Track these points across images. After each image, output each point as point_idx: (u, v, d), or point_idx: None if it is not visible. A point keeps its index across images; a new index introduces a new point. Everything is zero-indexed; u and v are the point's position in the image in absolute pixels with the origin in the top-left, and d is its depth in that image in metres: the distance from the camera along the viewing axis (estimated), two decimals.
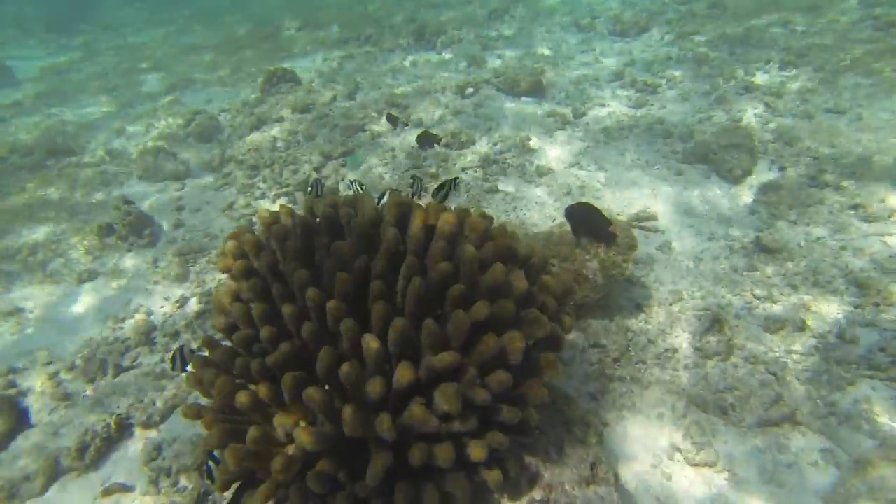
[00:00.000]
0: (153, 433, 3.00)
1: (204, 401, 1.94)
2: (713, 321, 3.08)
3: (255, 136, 6.21)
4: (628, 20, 8.09)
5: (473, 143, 5.47)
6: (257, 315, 1.70)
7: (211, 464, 1.84)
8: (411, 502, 1.56)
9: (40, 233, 5.03)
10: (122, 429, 3.01)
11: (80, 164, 6.26)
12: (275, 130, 6.26)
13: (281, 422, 1.56)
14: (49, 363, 3.65)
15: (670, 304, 3.36)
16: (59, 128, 7.51)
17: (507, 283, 1.74)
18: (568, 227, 3.18)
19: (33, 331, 4.03)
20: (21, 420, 3.28)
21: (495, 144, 5.39)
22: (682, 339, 3.12)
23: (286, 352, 1.62)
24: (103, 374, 3.47)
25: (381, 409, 1.57)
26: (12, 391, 3.47)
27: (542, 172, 4.88)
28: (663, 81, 6.29)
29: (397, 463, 1.54)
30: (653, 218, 4.15)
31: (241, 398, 1.55)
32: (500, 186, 4.76)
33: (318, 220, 1.98)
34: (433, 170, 5.10)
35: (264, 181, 5.36)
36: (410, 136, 5.72)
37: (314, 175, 5.21)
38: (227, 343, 1.87)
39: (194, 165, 5.85)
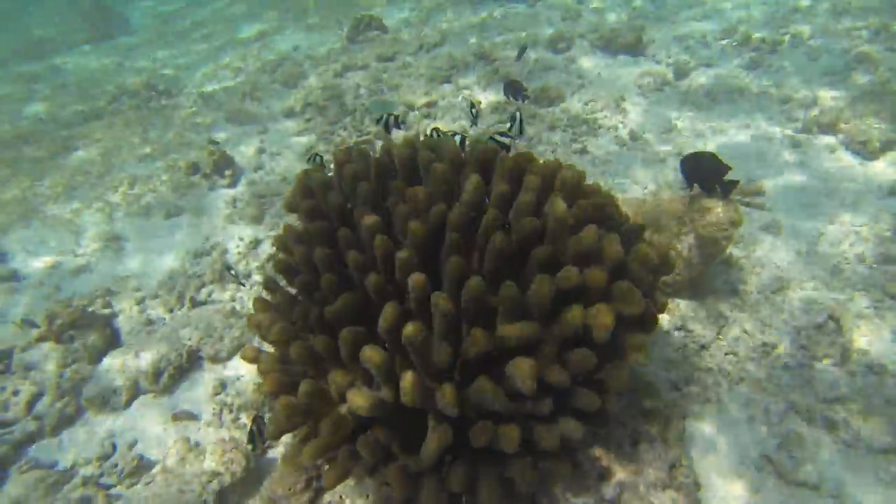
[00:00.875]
0: (220, 367, 3.08)
1: (266, 345, 1.89)
2: (827, 318, 2.67)
3: (337, 81, 6.14)
4: None
5: (563, 100, 5.09)
6: (319, 260, 1.58)
7: (254, 427, 1.80)
8: (467, 485, 1.42)
9: (139, 168, 5.27)
10: (193, 360, 3.10)
11: (177, 106, 6.49)
12: (358, 77, 6.16)
13: (335, 379, 1.46)
14: (137, 290, 3.84)
15: (773, 293, 2.96)
16: (160, 71, 7.83)
17: (599, 249, 1.51)
18: (662, 195, 2.85)
19: (128, 258, 4.25)
20: (113, 339, 3.50)
21: (586, 104, 4.99)
22: (783, 334, 2.75)
23: (346, 303, 1.50)
24: (181, 305, 3.60)
25: (445, 378, 1.42)
26: (108, 311, 3.69)
27: (636, 136, 4.46)
28: (786, 38, 5.52)
29: (456, 440, 1.40)
30: (759, 192, 3.68)
31: (295, 349, 1.46)
32: (590, 148, 4.41)
33: (394, 161, 1.82)
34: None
35: (344, 129, 5.29)
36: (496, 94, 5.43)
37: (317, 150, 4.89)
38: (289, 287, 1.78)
39: (278, 111, 5.89)
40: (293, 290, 1.79)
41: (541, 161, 1.76)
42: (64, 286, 4.04)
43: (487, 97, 5.39)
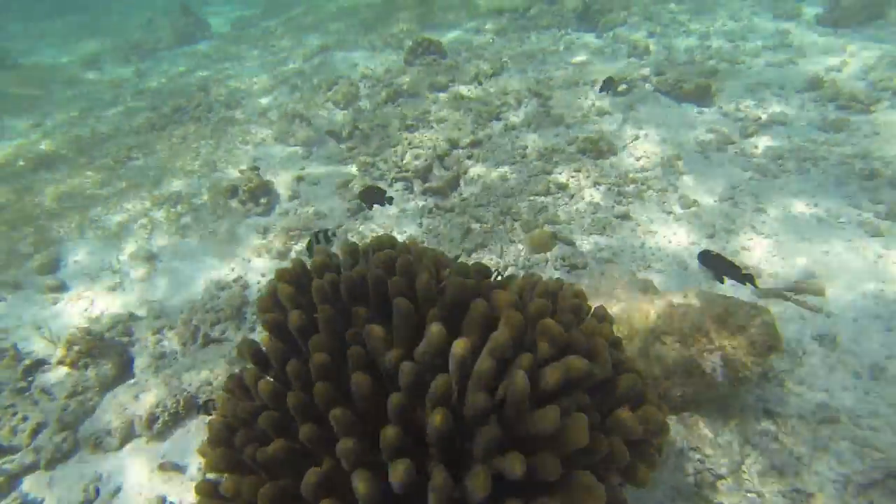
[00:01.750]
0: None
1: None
2: (888, 475, 2.27)
3: (386, 110, 6.10)
4: (850, 4, 6.44)
5: (614, 154, 4.78)
6: (263, 392, 1.46)
7: None
8: None
9: (185, 184, 5.43)
10: (189, 407, 3.09)
11: (232, 120, 6.67)
12: (407, 109, 6.08)
13: None
14: (157, 318, 3.92)
15: (818, 424, 2.57)
16: (225, 81, 8.11)
17: (562, 431, 1.30)
18: (693, 300, 2.54)
19: (159, 278, 4.37)
20: (126, 369, 3.58)
21: (638, 159, 4.65)
22: (825, 482, 2.36)
23: (277, 449, 1.37)
24: (194, 340, 3.63)
25: None
26: (126, 339, 3.78)
27: (687, 204, 4.09)
28: (885, 98, 4.92)
29: None
30: (818, 291, 3.24)
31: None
32: (633, 213, 4.09)
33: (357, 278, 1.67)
34: (563, 178, 4.54)
35: (385, 162, 5.22)
36: (541, 139, 5.19)
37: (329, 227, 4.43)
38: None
39: (325, 133, 5.91)
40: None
41: (519, 303, 1.55)
42: (97, 301, 4.20)
43: (534, 139, 5.16)
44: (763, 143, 4.63)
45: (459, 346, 1.34)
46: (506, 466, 1.23)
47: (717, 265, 2.78)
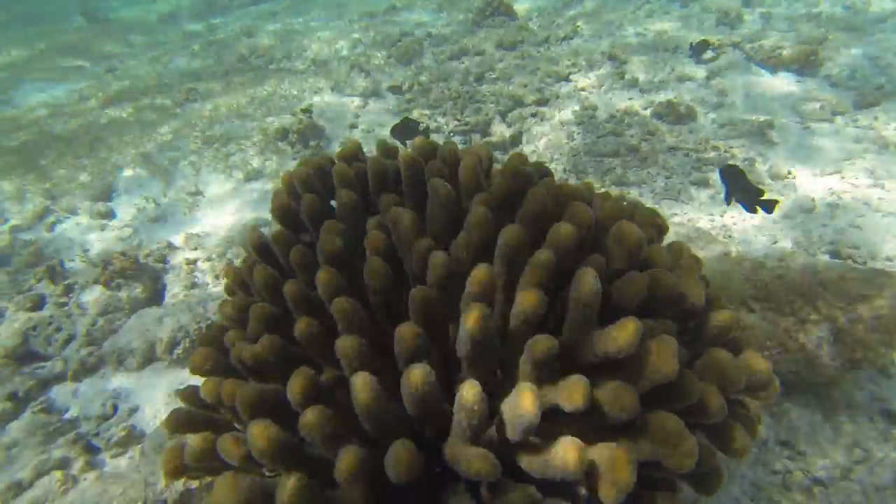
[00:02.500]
0: None
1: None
2: None
3: (450, 67, 5.78)
4: None
5: (693, 119, 4.27)
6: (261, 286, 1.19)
7: None
8: None
9: (238, 126, 5.33)
10: None
11: (291, 70, 6.54)
12: (472, 64, 5.74)
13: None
14: (194, 249, 3.80)
15: None
16: (290, 35, 8.02)
17: (641, 358, 0.95)
18: (792, 261, 2.10)
19: (201, 214, 4.27)
20: (157, 295, 3.47)
21: (721, 126, 4.12)
22: None
23: (269, 347, 1.09)
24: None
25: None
26: (160, 266, 3.68)
27: (778, 175, 3.55)
28: None
29: None
30: None
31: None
32: (714, 181, 3.60)
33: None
34: (634, 141, 4.09)
35: (444, 115, 4.91)
36: (614, 99, 4.73)
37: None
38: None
39: (385, 87, 5.67)
40: None
41: (590, 203, 1.20)
42: (141, 230, 4.14)
43: (606, 102, 4.71)
44: (884, 112, 3.98)
45: (510, 232, 1.01)
46: (562, 394, 0.90)
47: (734, 182, 2.28)
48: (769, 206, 2.28)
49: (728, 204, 2.39)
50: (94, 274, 3.46)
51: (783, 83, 4.56)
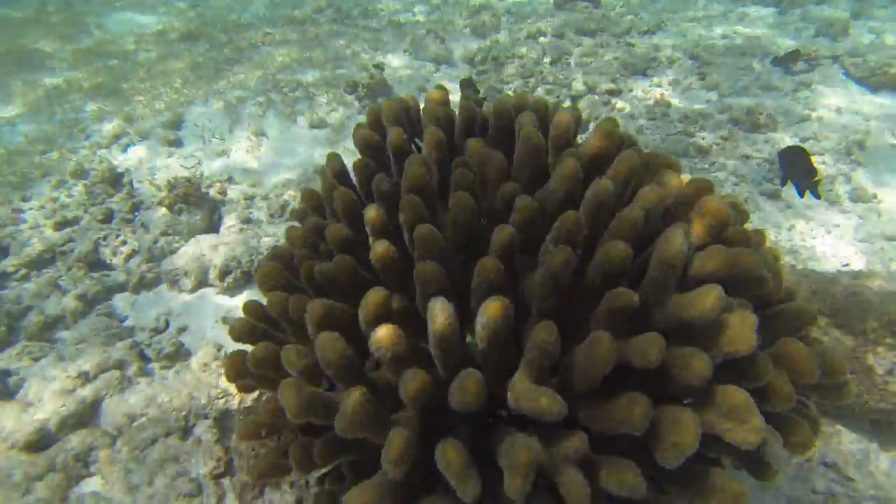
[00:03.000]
0: None
1: None
2: None
3: (525, 46, 5.68)
4: None
5: (773, 129, 4.08)
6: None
7: None
8: None
9: (308, 74, 5.41)
10: None
11: (366, 27, 6.57)
12: (549, 45, 5.63)
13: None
14: (253, 185, 3.91)
15: None
16: None
17: (720, 326, 0.93)
18: (868, 281, 2.00)
19: (261, 153, 4.38)
20: (214, 224, 3.61)
21: (803, 140, 3.93)
22: None
23: (343, 267, 1.12)
24: (280, 214, 3.56)
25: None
26: (220, 197, 3.81)
27: (862, 197, 3.37)
28: None
29: None
30: None
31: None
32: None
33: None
34: (705, 143, 3.96)
35: (514, 92, 4.85)
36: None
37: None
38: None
39: (457, 56, 5.63)
40: None
41: (678, 179, 1.17)
42: (205, 162, 4.28)
43: (681, 101, 4.55)
44: None
45: (600, 186, 0.99)
46: (634, 350, 0.89)
47: (797, 165, 2.20)
48: (818, 191, 2.25)
49: (783, 185, 2.39)
50: (159, 196, 3.61)
51: (884, 103, 4.30)
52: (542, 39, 5.85)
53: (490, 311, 0.89)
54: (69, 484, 1.97)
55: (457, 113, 1.35)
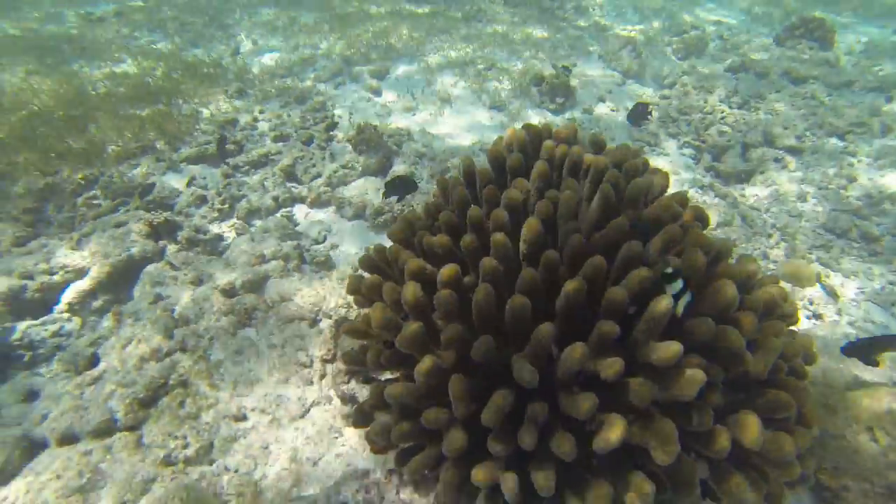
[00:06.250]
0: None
1: None
2: None
3: (723, 76, 5.51)
4: None
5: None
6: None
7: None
8: None
9: (504, 57, 5.86)
10: None
11: (573, 23, 6.79)
12: (746, 82, 5.40)
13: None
14: (426, 146, 4.55)
15: None
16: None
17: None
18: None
19: (442, 118, 4.97)
20: (386, 169, 4.32)
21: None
22: None
23: (440, 243, 1.60)
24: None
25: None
26: (395, 148, 4.52)
27: None
28: None
29: None
30: None
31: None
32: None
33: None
34: (876, 231, 3.69)
35: (689, 123, 4.85)
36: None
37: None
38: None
39: (649, 74, 5.67)
40: None
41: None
42: (394, 113, 5.03)
43: (869, 175, 4.19)
44: None
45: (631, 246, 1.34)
46: (602, 366, 1.24)
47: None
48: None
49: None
50: (349, 135, 4.41)
51: None
52: (742, 74, 5.61)
53: (569, 287, 1.32)
54: (238, 326, 2.80)
55: (567, 156, 1.72)
